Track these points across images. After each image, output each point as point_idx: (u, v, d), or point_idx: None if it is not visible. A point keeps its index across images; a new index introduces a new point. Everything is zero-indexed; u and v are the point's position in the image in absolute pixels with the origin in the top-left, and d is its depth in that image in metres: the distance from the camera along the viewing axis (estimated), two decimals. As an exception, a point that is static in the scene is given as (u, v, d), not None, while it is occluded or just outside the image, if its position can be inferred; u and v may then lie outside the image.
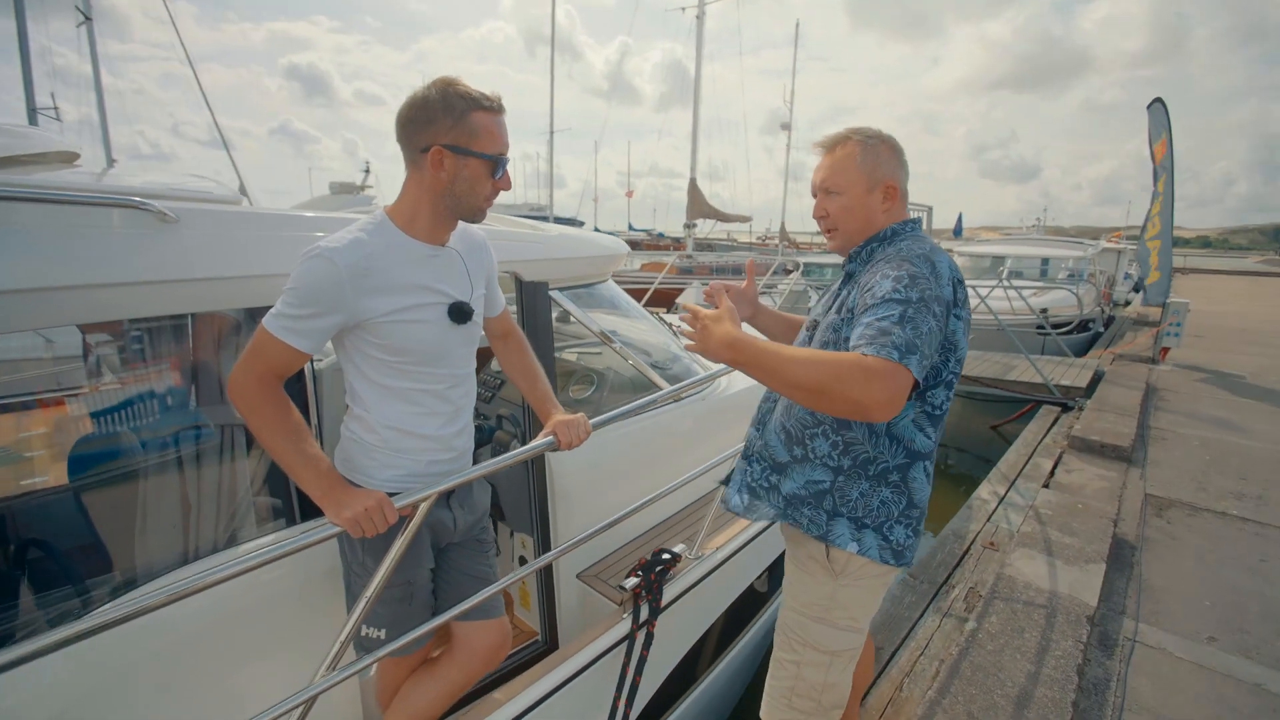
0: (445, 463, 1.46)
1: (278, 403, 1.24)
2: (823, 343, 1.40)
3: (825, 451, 1.40)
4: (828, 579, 1.44)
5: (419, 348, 1.34)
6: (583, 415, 1.59)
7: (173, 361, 1.51)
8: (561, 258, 2.13)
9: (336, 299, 1.22)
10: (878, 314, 1.19)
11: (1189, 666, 2.61)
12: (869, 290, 1.26)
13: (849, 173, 1.40)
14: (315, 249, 1.22)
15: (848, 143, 1.41)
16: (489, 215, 1.44)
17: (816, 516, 1.42)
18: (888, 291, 1.21)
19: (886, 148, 1.40)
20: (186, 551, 1.48)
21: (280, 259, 1.48)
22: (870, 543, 1.38)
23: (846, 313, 1.36)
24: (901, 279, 1.23)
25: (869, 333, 1.16)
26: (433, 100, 1.23)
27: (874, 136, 1.41)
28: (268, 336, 1.22)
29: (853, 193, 1.40)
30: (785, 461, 1.47)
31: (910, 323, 1.16)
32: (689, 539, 2.32)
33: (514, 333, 1.70)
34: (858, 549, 1.38)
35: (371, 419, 1.37)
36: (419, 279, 1.32)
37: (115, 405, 1.48)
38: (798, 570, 1.51)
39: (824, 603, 1.45)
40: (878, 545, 1.38)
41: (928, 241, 1.37)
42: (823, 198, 1.45)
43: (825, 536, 1.41)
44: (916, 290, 1.21)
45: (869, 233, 1.43)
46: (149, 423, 1.50)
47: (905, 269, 1.24)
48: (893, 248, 1.38)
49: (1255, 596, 3.16)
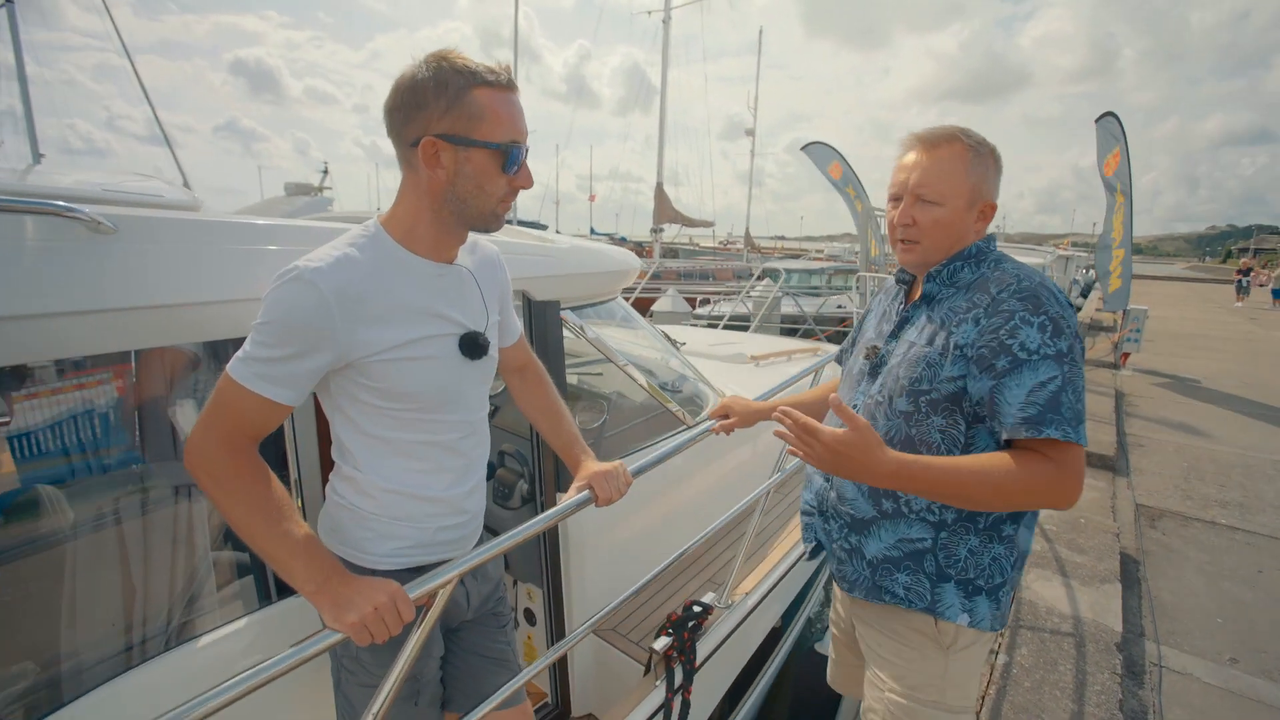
0: (456, 529, 1.19)
1: (252, 473, 0.95)
2: (912, 379, 1.20)
3: (924, 505, 1.19)
4: (938, 654, 1.23)
5: (425, 391, 1.07)
6: (621, 464, 1.34)
7: (110, 409, 1.19)
8: (575, 273, 1.88)
9: (323, 333, 0.94)
10: (1039, 375, 1.05)
11: (1219, 693, 2.52)
12: (1010, 335, 1.08)
13: (955, 181, 1.18)
14: (293, 270, 0.94)
15: (955, 143, 1.19)
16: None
17: (917, 584, 1.21)
18: (1039, 345, 1.07)
19: (994, 159, 1.21)
20: (130, 650, 1.16)
21: (252, 279, 1.18)
22: (983, 611, 1.18)
23: (950, 346, 1.15)
24: (1046, 326, 1.08)
25: (1039, 401, 1.04)
26: (423, 79, 0.96)
27: (983, 142, 1.20)
28: (235, 387, 0.93)
29: (954, 206, 1.19)
30: (870, 517, 1.25)
31: (1071, 385, 1.06)
32: (713, 582, 2.10)
33: (532, 365, 1.43)
34: (969, 620, 1.18)
35: (366, 480, 1.09)
36: (424, 304, 1.06)
37: (36, 464, 1.16)
38: (897, 644, 1.28)
39: (937, 683, 1.24)
40: (990, 614, 1.19)
41: (1023, 264, 1.20)
42: (912, 204, 1.21)
43: (933, 609, 1.20)
44: (1064, 339, 1.07)
45: (953, 251, 1.23)
46: (81, 485, 1.18)
47: (1044, 310, 1.09)
48: (991, 268, 1.20)
49: (1261, 611, 3.13)
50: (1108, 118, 7.82)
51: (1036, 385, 1.05)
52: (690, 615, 1.80)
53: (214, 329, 1.20)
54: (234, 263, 1.19)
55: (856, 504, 1.27)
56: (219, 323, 1.19)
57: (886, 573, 1.24)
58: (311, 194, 6.81)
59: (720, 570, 2.36)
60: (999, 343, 1.09)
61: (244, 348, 0.94)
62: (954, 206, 1.19)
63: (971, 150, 1.18)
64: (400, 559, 1.13)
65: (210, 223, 1.21)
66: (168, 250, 1.13)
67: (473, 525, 1.24)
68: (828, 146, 9.30)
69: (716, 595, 1.97)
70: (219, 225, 1.21)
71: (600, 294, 2.08)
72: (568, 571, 1.92)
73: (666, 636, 1.74)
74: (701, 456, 2.48)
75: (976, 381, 1.11)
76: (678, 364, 2.76)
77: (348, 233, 1.05)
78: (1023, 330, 1.08)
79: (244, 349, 0.94)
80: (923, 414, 1.19)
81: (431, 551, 1.16)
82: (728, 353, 4.21)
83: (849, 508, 1.28)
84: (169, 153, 5.01)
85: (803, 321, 10.43)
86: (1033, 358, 1.06)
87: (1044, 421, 1.03)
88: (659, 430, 2.38)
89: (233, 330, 1.20)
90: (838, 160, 9.41)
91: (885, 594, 1.24)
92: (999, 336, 1.09)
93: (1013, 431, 1.06)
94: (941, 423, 1.17)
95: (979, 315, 1.13)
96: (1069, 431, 1.03)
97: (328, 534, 1.14)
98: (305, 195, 6.56)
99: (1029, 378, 1.05)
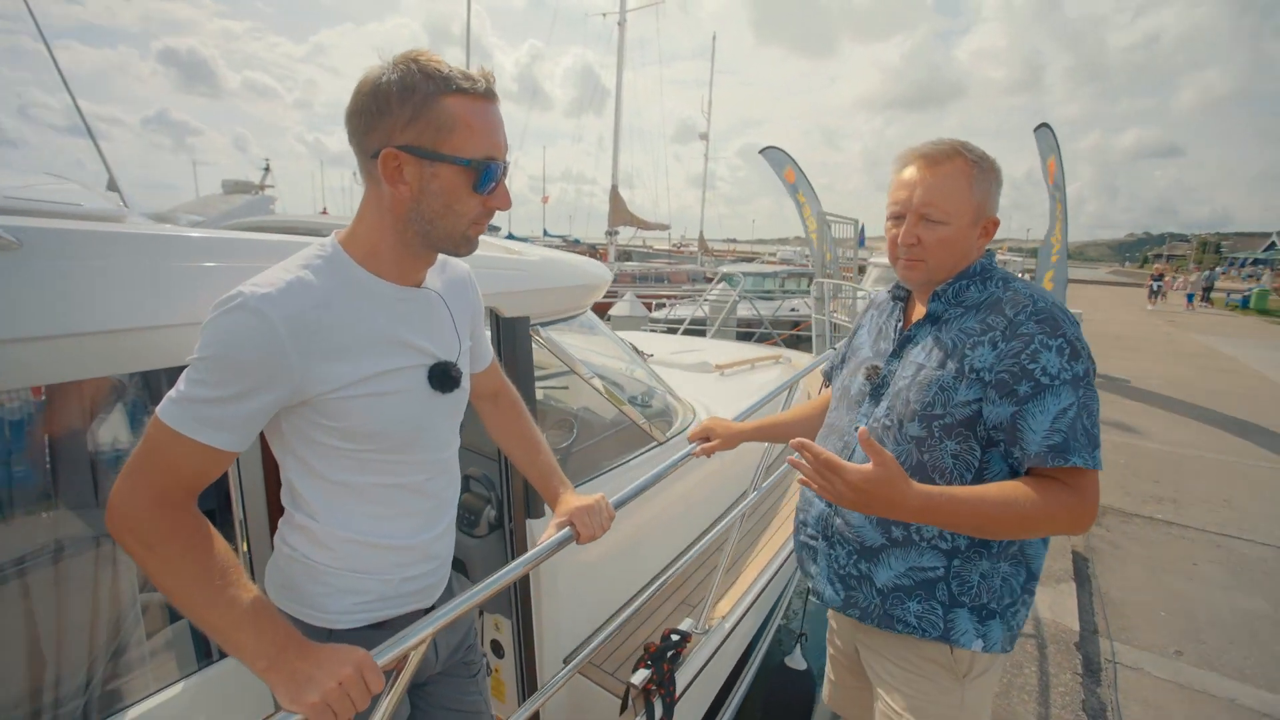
0: (423, 577, 1.08)
1: (189, 534, 0.82)
2: (924, 403, 1.15)
3: (936, 532, 1.16)
4: (954, 684, 1.19)
5: (391, 429, 0.95)
6: (603, 498, 1.25)
7: (15, 451, 1.03)
8: (546, 288, 1.78)
9: (273, 369, 0.82)
10: (1061, 402, 1.04)
11: (1169, 687, 2.63)
12: (1032, 359, 1.06)
13: (959, 199, 1.14)
14: (237, 297, 0.81)
15: (958, 159, 1.15)
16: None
17: (929, 612, 1.17)
18: (1058, 370, 1.05)
19: (995, 174, 1.18)
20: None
21: (187, 301, 1.04)
22: (997, 635, 1.16)
23: (964, 369, 1.12)
24: (1064, 349, 1.06)
25: (1062, 429, 1.04)
26: (387, 82, 0.84)
27: (984, 157, 1.16)
28: (167, 433, 0.80)
29: (958, 225, 1.15)
30: (879, 545, 1.21)
31: (1087, 410, 1.05)
32: (687, 604, 2.03)
33: (506, 391, 1.33)
34: (983, 646, 1.15)
35: (322, 530, 0.96)
36: (389, 333, 0.94)
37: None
38: (909, 674, 1.23)
39: (953, 713, 1.20)
40: (1003, 637, 1.16)
41: (1031, 283, 1.19)
42: (916, 224, 1.17)
43: (946, 637, 1.16)
44: (1081, 363, 1.07)
45: (957, 270, 1.21)
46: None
47: (1062, 332, 1.07)
48: (999, 286, 1.18)
49: (1198, 603, 3.30)
50: (1043, 128, 8.20)
51: (1059, 412, 1.04)
52: (669, 645, 1.73)
53: (142, 359, 1.05)
54: (166, 282, 1.05)
55: (864, 531, 1.22)
56: (148, 352, 1.04)
57: (898, 601, 1.20)
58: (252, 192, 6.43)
59: (694, 591, 2.30)
60: (1020, 367, 1.06)
61: (178, 387, 0.81)
62: (959, 225, 1.16)
63: (975, 166, 1.15)
64: (362, 615, 1.01)
65: (137, 235, 1.06)
66: (85, 268, 0.98)
67: (441, 571, 1.13)
68: (783, 152, 9.44)
69: (694, 621, 1.91)
70: (148, 238, 1.06)
71: (572, 308, 1.98)
72: (538, 601, 1.82)
73: (645, 669, 1.66)
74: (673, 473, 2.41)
75: (995, 406, 1.08)
76: (645, 376, 2.69)
77: (301, 252, 0.93)
78: (1043, 354, 1.06)
79: (178, 388, 0.81)
80: (936, 439, 1.15)
81: (397, 604, 1.04)
82: (691, 361, 4.17)
83: (856, 534, 1.23)
84: (92, 144, 4.60)
85: (758, 325, 10.55)
86: (1054, 383, 1.05)
87: (1069, 450, 1.03)
88: (630, 446, 2.30)
89: (164, 360, 1.06)
90: (791, 166, 9.56)
91: (898, 623, 1.20)
92: (1020, 361, 1.07)
93: (1038, 460, 1.05)
94: (955, 448, 1.14)
95: (996, 338, 1.10)
96: (1088, 458, 1.03)
97: (278, 591, 1.01)
98: (245, 193, 6.18)
99: (1052, 404, 1.04)
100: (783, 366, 4.56)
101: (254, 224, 2.36)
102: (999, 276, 1.20)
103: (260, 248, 1.17)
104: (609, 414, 2.38)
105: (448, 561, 1.15)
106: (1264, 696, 2.57)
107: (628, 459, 2.24)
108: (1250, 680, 2.68)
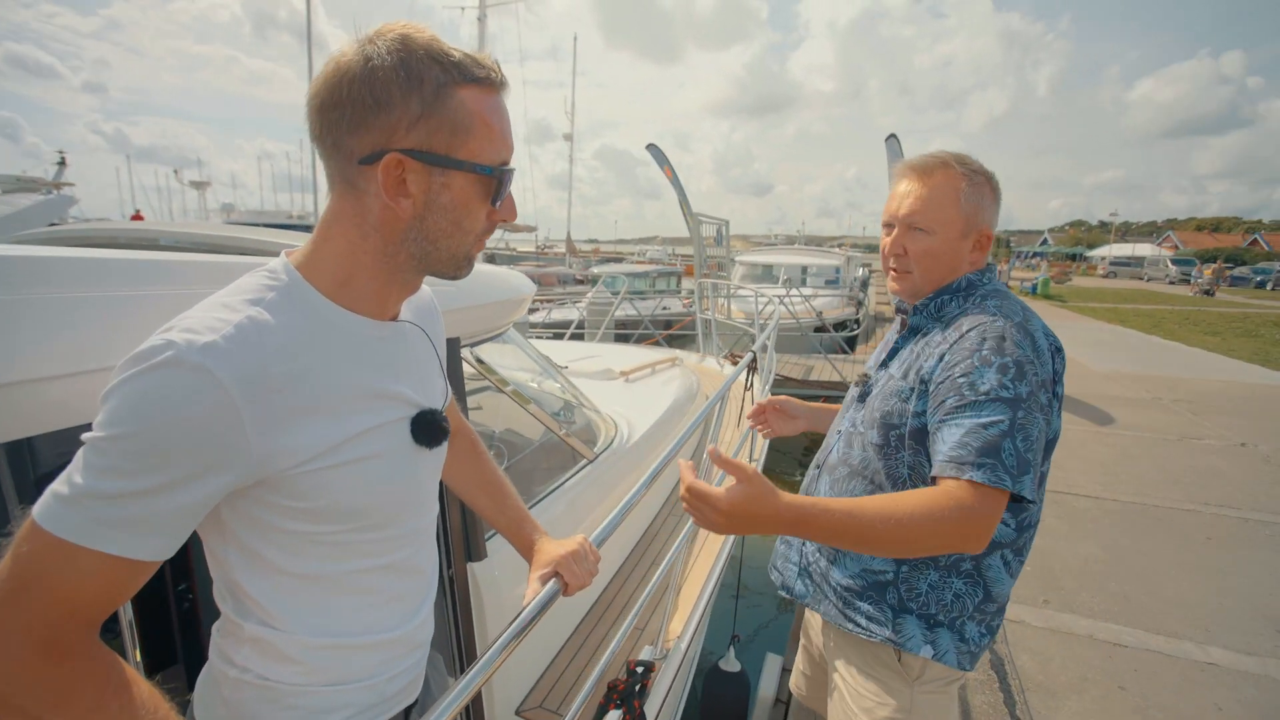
0: (409, 670, 0.88)
1: (99, 688, 0.59)
2: (884, 412, 1.18)
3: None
4: (903, 686, 1.21)
5: (376, 501, 0.75)
6: (584, 539, 1.11)
7: None
8: (475, 305, 1.58)
9: (222, 447, 0.61)
10: (981, 416, 0.99)
11: (1045, 634, 2.98)
12: (964, 374, 1.04)
13: (947, 210, 1.14)
14: (165, 349, 0.58)
15: (949, 170, 1.14)
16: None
17: (879, 614, 1.19)
18: (993, 387, 1.01)
19: (990, 187, 1.16)
20: None
21: (66, 346, 0.77)
22: (946, 644, 1.17)
23: (917, 380, 1.13)
24: (1007, 368, 1.02)
25: (974, 443, 0.98)
26: (383, 67, 0.65)
27: (979, 170, 1.16)
28: (55, 548, 0.56)
29: (946, 235, 1.15)
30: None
31: (1022, 431, 0.98)
32: (643, 629, 1.94)
33: (464, 432, 1.13)
34: (933, 653, 1.16)
35: (285, 640, 0.73)
36: (367, 382, 0.74)
37: None
38: (864, 676, 1.25)
39: (901, 716, 1.21)
40: (955, 647, 1.17)
41: (1015, 300, 1.17)
42: (904, 233, 1.17)
43: (894, 639, 1.17)
44: (1026, 384, 1.01)
45: (946, 282, 1.21)
46: None
47: (1010, 353, 1.03)
48: (976, 304, 1.17)
49: (1051, 555, 3.79)
50: (892, 139, 9.07)
51: (978, 426, 0.99)
52: (636, 680, 1.63)
53: None
54: (31, 319, 0.76)
55: None
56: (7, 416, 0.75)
57: (850, 602, 1.22)
58: (42, 190, 5.26)
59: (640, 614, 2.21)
60: (951, 380, 1.05)
61: (69, 479, 0.57)
62: (946, 235, 1.16)
63: (965, 178, 1.15)
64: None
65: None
66: None
67: (424, 657, 0.95)
68: (662, 152, 9.63)
69: (653, 648, 1.82)
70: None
71: (499, 325, 1.80)
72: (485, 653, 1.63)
73: (615, 709, 1.55)
74: (607, 490, 2.30)
75: (931, 417, 1.08)
76: (564, 390, 2.55)
77: (242, 282, 0.69)
78: (979, 370, 1.03)
79: (69, 482, 0.57)
80: (892, 447, 1.17)
81: (382, 710, 0.84)
82: (593, 369, 4.07)
83: None
84: None
85: (636, 325, 10.70)
86: (982, 399, 1.00)
87: (972, 464, 0.96)
88: (562, 467, 2.16)
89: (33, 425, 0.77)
90: (668, 165, 9.80)
91: (849, 622, 1.22)
92: (953, 374, 1.06)
93: (938, 470, 1.00)
94: (910, 459, 1.15)
95: (944, 351, 1.11)
96: (1000, 478, 0.95)
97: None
98: (32, 192, 5.03)
99: (971, 416, 1.00)
100: (680, 368, 4.60)
101: (55, 235, 1.91)
102: (981, 293, 1.19)
103: (167, 271, 0.91)
104: (534, 434, 2.22)
105: (427, 647, 0.96)
106: (1111, 629, 3.01)
107: (562, 481, 2.10)
108: (1099, 616, 3.12)
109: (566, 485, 2.09)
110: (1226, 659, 2.79)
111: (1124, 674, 2.69)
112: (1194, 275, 33.11)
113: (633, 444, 2.63)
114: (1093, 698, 2.55)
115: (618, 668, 1.73)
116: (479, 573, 1.61)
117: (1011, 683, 2.62)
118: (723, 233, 11.13)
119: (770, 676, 2.88)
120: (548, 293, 16.09)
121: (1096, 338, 12.85)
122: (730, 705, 2.70)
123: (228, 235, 1.70)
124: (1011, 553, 1.19)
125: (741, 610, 3.53)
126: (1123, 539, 3.99)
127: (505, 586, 1.66)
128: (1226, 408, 7.30)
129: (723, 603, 3.41)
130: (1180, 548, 3.88)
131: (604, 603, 2.19)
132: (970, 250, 1.19)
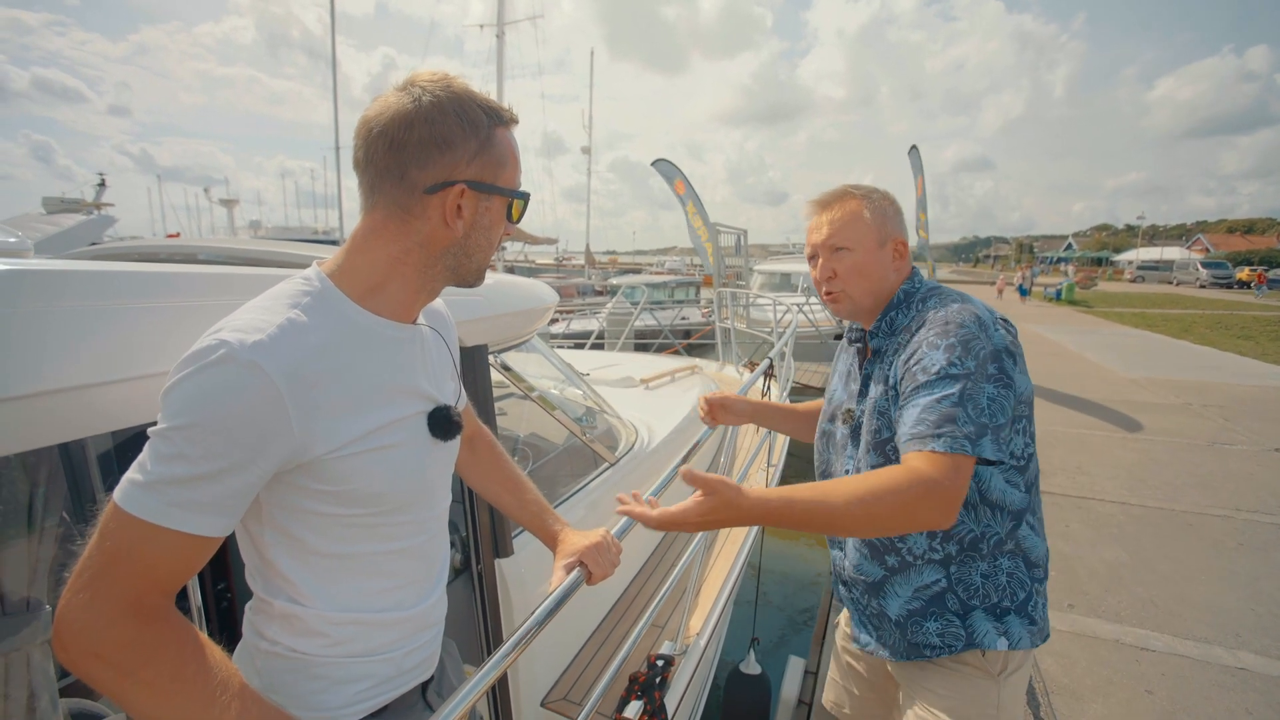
0: (425, 647, 0.96)
1: (178, 647, 0.67)
2: (874, 430, 1.22)
3: (925, 547, 1.20)
4: (991, 684, 1.21)
5: (395, 488, 0.84)
6: (607, 533, 1.17)
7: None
8: (502, 314, 1.67)
9: (272, 433, 0.70)
10: (934, 392, 1.05)
11: (1070, 637, 2.96)
12: (916, 362, 1.11)
13: (857, 227, 1.25)
14: (219, 347, 0.67)
15: (849, 199, 1.27)
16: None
17: (947, 626, 1.20)
18: (942, 366, 1.07)
19: (889, 203, 1.28)
20: None
21: (131, 351, 0.86)
22: (1018, 630, 1.19)
23: (889, 388, 1.19)
24: (954, 347, 1.08)
25: (930, 418, 1.03)
26: (445, 112, 0.78)
27: (872, 191, 1.29)
28: (137, 527, 0.65)
29: (865, 247, 1.25)
30: (880, 578, 1.25)
31: (970, 400, 1.03)
32: (662, 626, 1.99)
33: (482, 434, 1.22)
34: (1008, 644, 1.18)
35: (313, 615, 0.82)
36: (390, 379, 0.84)
37: None
38: (949, 676, 1.24)
39: (992, 713, 1.21)
40: (1026, 631, 1.19)
41: (950, 291, 1.25)
42: (828, 257, 1.28)
43: (973, 642, 1.19)
44: (973, 358, 1.07)
45: (880, 294, 1.28)
46: None
47: (955, 334, 1.10)
48: (919, 309, 1.24)
49: (1075, 560, 3.75)
50: (914, 150, 9.10)
51: (931, 402, 1.04)
52: (656, 672, 1.68)
53: (69, 427, 0.85)
54: (92, 327, 0.86)
55: (864, 568, 1.27)
56: (77, 418, 0.85)
57: (916, 626, 1.22)
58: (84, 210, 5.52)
59: (661, 611, 2.26)
60: (910, 372, 1.12)
61: (142, 467, 0.66)
62: (865, 248, 1.25)
63: (863, 200, 1.26)
64: (364, 704, 0.88)
65: (39, 271, 0.86)
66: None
67: (439, 637, 1.02)
68: (673, 164, 9.73)
69: (673, 643, 1.87)
70: (58, 274, 0.86)
71: (524, 333, 1.89)
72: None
73: (636, 700, 1.60)
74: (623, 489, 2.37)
75: (898, 410, 1.12)
76: (589, 397, 2.63)
77: (280, 288, 0.79)
78: (928, 355, 1.10)
79: (143, 469, 0.66)
80: (891, 461, 1.20)
81: (400, 683, 0.92)
82: (615, 377, 4.15)
83: (860, 573, 1.28)
84: None
85: (656, 335, 10.78)
86: (933, 378, 1.07)
87: (932, 436, 1.01)
88: (584, 470, 2.23)
89: (101, 424, 0.87)
90: (681, 178, 9.88)
91: (925, 649, 1.22)
92: (909, 366, 1.12)
93: (903, 448, 1.05)
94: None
95: (903, 352, 1.17)
96: (961, 444, 0.99)
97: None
98: (76, 212, 5.30)
99: (926, 394, 1.06)
100: (699, 376, 4.66)
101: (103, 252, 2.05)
102: (920, 297, 1.26)
103: (208, 283, 1.00)
104: (558, 438, 2.29)
105: (442, 623, 1.04)
106: (1138, 633, 2.98)
107: (585, 483, 2.17)
108: (1125, 620, 3.09)
109: (589, 487, 2.16)
110: (1259, 664, 2.75)
111: (1151, 678, 2.67)
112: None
113: (653, 449, 2.70)
114: (1119, 701, 2.53)
115: (638, 661, 1.78)
116: (506, 569, 1.69)
117: (1035, 685, 2.61)
118: (741, 242, 11.18)
119: (793, 679, 2.90)
120: (568, 304, 16.26)
121: (1123, 343, 12.62)
122: (752, 708, 2.73)
123: (263, 250, 1.81)
124: (1031, 514, 1.23)
125: (761, 615, 3.55)
126: (1149, 544, 3.93)
127: (531, 582, 1.73)
128: (1259, 412, 7.13)
129: (742, 607, 3.44)
130: (1210, 553, 3.81)
131: (625, 601, 2.25)
132: (892, 259, 1.28)
